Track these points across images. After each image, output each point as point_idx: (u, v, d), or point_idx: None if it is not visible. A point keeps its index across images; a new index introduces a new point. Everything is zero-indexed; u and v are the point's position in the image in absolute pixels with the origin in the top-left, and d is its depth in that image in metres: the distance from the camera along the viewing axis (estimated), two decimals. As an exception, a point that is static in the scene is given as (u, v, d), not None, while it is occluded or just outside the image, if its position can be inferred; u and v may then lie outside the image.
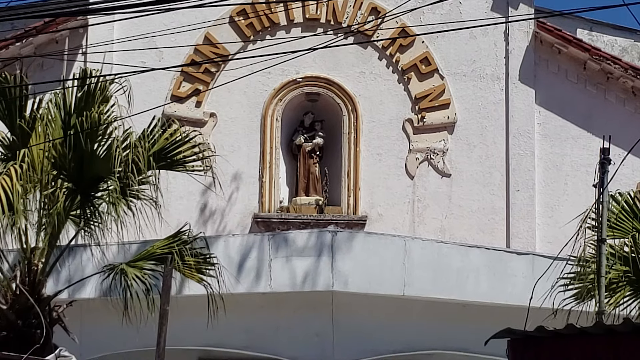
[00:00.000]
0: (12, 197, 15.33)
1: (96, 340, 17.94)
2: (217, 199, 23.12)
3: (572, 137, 23.66)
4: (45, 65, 22.85)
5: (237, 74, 21.42)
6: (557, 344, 9.79)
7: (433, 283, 20.23)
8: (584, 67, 24.16)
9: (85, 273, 18.15)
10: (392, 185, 23.78)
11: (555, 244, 18.66)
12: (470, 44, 23.84)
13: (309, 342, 20.56)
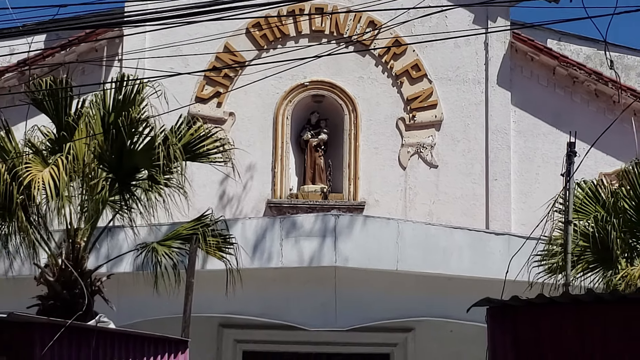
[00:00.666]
0: (59, 185, 15.30)
1: (130, 308, 17.91)
2: (235, 187, 23.11)
3: (543, 133, 23.62)
4: (86, 71, 22.83)
5: (253, 78, 21.50)
6: (529, 311, 9.69)
7: (422, 259, 20.17)
8: (553, 72, 24.11)
9: (122, 250, 18.12)
10: (387, 175, 23.73)
11: (528, 226, 18.58)
12: (454, 52, 23.79)
13: (315, 310, 20.51)
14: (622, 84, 22.93)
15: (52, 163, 15.62)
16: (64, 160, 15.53)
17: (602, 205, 16.61)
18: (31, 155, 16.24)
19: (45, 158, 16.04)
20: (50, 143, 16.42)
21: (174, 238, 16.93)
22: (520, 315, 9.67)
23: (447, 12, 22.97)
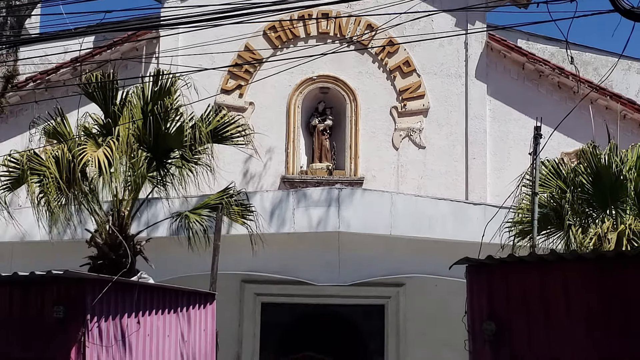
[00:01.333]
0: (112, 162, 15.43)
1: (166, 266, 17.94)
2: (254, 165, 23.15)
3: (514, 119, 23.58)
4: (128, 67, 22.78)
5: (269, 72, 21.39)
6: (501, 269, 9.71)
7: (412, 226, 20.18)
8: (522, 67, 24.05)
9: (159, 218, 18.17)
10: (382, 155, 23.70)
11: (501, 197, 18.56)
12: (439, 50, 23.72)
13: (321, 268, 20.55)
14: (580, 77, 22.91)
15: (105, 144, 15.74)
16: (115, 142, 15.67)
17: (563, 180, 16.63)
18: (84, 137, 16.34)
19: (97, 140, 16.13)
20: (99, 128, 16.52)
21: (203, 207, 17.00)
22: (494, 272, 9.70)
23: (433, 17, 22.95)
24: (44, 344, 10.29)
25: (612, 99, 23.51)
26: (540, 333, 9.36)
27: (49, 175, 15.58)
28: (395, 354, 23.37)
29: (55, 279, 10.46)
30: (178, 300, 12.04)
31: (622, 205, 15.82)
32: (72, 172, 15.57)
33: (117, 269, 14.20)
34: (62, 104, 17.57)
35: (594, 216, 16.04)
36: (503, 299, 9.54)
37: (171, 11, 20.94)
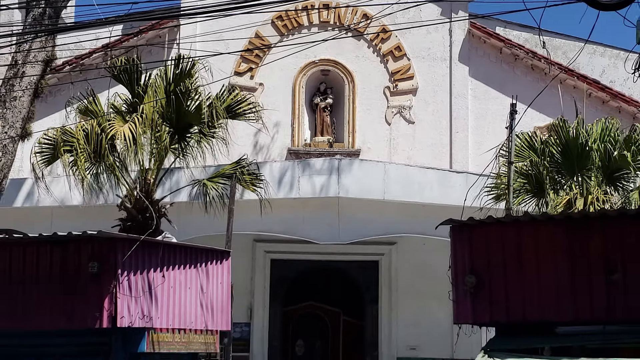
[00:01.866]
0: (135, 136, 15.41)
1: (187, 227, 17.98)
2: (263, 138, 23.12)
3: (492, 97, 23.52)
4: (152, 52, 22.73)
5: (276, 57, 21.35)
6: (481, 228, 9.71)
7: (402, 191, 20.19)
8: (500, 51, 23.98)
9: (180, 185, 18.16)
10: (377, 129, 23.68)
11: (481, 166, 18.55)
12: (427, 37, 23.62)
13: (323, 229, 20.59)
14: (551, 60, 22.84)
15: (130, 120, 15.75)
16: (139, 118, 15.66)
17: (535, 151, 16.63)
18: (113, 114, 16.34)
19: (124, 117, 16.14)
20: (126, 106, 16.52)
21: (219, 176, 17.03)
22: (475, 232, 9.70)
23: (421, 7, 22.79)
24: (80, 296, 10.32)
25: (579, 79, 23.44)
26: (515, 285, 9.38)
27: (78, 148, 15.64)
28: (388, 303, 23.46)
29: (90, 239, 10.48)
30: (197, 257, 12.06)
31: (588, 173, 15.83)
32: (100, 144, 15.63)
33: (144, 229, 14.22)
34: (94, 85, 17.60)
35: (563, 182, 16.05)
36: (482, 255, 9.54)
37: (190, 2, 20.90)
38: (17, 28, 17.07)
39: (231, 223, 15.05)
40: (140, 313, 10.64)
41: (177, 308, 11.46)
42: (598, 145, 15.90)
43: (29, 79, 14.54)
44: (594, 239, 9.17)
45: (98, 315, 10.22)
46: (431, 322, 22.17)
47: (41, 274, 10.60)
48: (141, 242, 10.80)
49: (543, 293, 9.25)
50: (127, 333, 10.60)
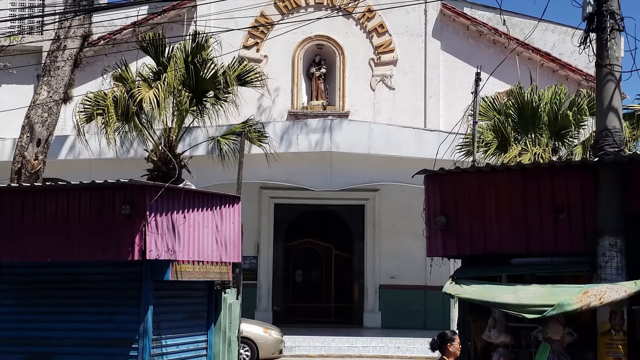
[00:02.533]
0: (160, 100, 15.38)
1: (204, 177, 18.03)
2: (267, 102, 23.12)
3: (460, 67, 23.48)
4: (174, 28, 22.64)
5: (278, 32, 21.47)
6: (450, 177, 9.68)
7: (385, 146, 20.24)
8: (467, 28, 23.89)
9: (198, 141, 18.18)
10: (363, 94, 23.68)
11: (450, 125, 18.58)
12: (406, 16, 23.54)
13: (318, 177, 20.66)
14: (510, 36, 22.81)
15: (155, 87, 15.69)
16: (163, 85, 15.60)
17: (497, 112, 16.62)
18: (141, 82, 16.27)
19: (150, 83, 16.08)
20: (152, 74, 16.46)
21: (230, 134, 17.06)
22: (445, 180, 9.69)
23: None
24: (115, 234, 10.35)
25: (533, 52, 23.40)
26: (477, 224, 9.40)
27: (108, 112, 15.67)
28: (372, 240, 23.64)
29: (122, 186, 10.49)
30: (213, 202, 12.08)
31: (540, 131, 15.85)
32: (128, 108, 15.64)
33: (168, 178, 14.30)
34: (125, 56, 17.50)
35: (519, 138, 16.07)
36: (451, 199, 9.55)
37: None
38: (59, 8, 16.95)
39: (241, 173, 15.06)
40: (166, 248, 10.68)
41: (196, 243, 11.50)
42: (548, 108, 15.91)
43: (70, 52, 14.48)
44: (544, 185, 9.19)
45: (130, 250, 10.26)
46: (408, 256, 22.36)
47: (82, 215, 10.63)
48: (165, 188, 10.81)
49: (501, 230, 9.29)
50: (154, 264, 10.65)
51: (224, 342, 12.72)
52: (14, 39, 19.57)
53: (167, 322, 11.17)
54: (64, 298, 10.96)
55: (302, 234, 24.37)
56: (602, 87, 9.23)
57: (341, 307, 24.28)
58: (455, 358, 8.06)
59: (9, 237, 10.75)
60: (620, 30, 9.22)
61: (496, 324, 9.26)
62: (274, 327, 18.65)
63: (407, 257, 22.49)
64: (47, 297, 11.02)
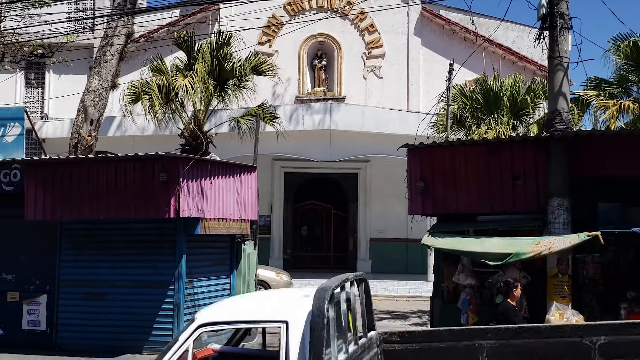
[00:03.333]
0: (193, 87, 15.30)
1: (227, 150, 18.00)
2: (279, 88, 23.02)
3: (437, 60, 23.27)
4: (201, 28, 22.47)
5: (287, 31, 21.29)
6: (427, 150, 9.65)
7: (374, 125, 20.24)
8: (442, 27, 23.70)
9: (222, 120, 18.11)
10: (356, 82, 23.60)
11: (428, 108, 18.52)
12: (392, 17, 23.32)
13: (320, 150, 20.69)
14: (477, 33, 22.62)
15: (188, 76, 15.60)
16: (194, 75, 15.52)
17: (466, 97, 16.55)
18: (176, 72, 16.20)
19: (183, 73, 15.99)
20: (184, 66, 16.35)
21: (248, 115, 16.95)
22: (423, 152, 9.69)
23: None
24: (154, 196, 10.38)
25: (497, 47, 23.26)
26: (450, 188, 9.43)
27: (153, 95, 15.57)
28: (364, 201, 23.69)
29: (160, 157, 10.50)
30: (234, 170, 12.12)
31: (501, 112, 15.80)
32: (168, 93, 15.54)
33: (197, 151, 14.25)
34: (161, 51, 17.42)
35: (484, 118, 16.03)
36: (428, 168, 9.56)
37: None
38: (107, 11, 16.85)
39: (257, 147, 15.02)
40: (196, 208, 10.73)
41: (220, 204, 11.54)
42: (509, 93, 15.84)
43: (116, 47, 14.41)
44: (505, 156, 9.21)
45: (167, 209, 10.31)
46: (393, 214, 22.40)
47: (128, 181, 10.65)
48: (195, 160, 10.83)
49: (469, 193, 9.32)
50: (186, 221, 10.70)
51: (244, 284, 12.82)
52: (70, 37, 19.47)
53: (197, 268, 11.25)
54: (114, 249, 11.04)
55: (307, 197, 24.41)
56: (553, 76, 9.22)
57: (338, 256, 24.38)
58: (515, 301, 7.93)
59: (68, 199, 10.80)
60: (568, 28, 9.19)
61: (464, 269, 9.34)
62: (284, 272, 18.74)
63: (392, 215, 22.54)
64: (100, 248, 11.10)
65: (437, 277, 10.10)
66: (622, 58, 14.03)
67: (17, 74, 22.70)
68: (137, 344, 10.63)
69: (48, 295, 11.17)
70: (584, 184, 8.85)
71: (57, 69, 22.93)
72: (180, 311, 10.64)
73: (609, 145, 8.87)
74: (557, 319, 8.29)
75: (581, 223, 8.61)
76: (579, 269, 8.90)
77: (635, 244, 8.86)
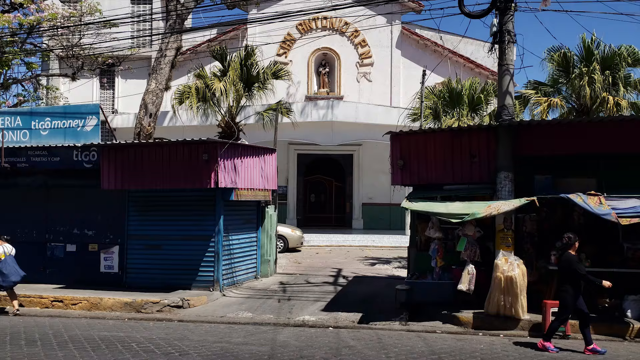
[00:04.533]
0: (226, 89, 15.20)
1: (253, 137, 17.78)
2: (292, 89, 22.86)
3: (413, 67, 22.90)
4: (233, 43, 22.23)
5: (298, 45, 20.96)
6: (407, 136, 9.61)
7: (365, 117, 20.10)
8: (418, 42, 23.39)
9: (249, 114, 18.01)
10: (352, 85, 23.37)
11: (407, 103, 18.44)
12: (379, 34, 22.97)
13: (324, 136, 20.59)
14: (444, 47, 22.41)
15: (223, 81, 15.43)
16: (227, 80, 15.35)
17: (436, 95, 16.41)
18: (213, 77, 16.09)
19: (219, 78, 15.83)
20: (220, 72, 16.23)
21: (269, 109, 16.87)
22: (403, 138, 9.65)
23: (376, 17, 22.21)
24: (199, 171, 10.37)
25: (459, 57, 22.98)
26: (422, 164, 9.42)
27: (192, 96, 15.54)
28: (358, 175, 23.65)
29: (203, 142, 10.45)
30: (259, 152, 12.09)
31: (462, 107, 15.70)
32: (205, 94, 15.48)
33: (231, 138, 14.26)
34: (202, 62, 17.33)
35: (449, 112, 15.93)
36: (406, 149, 9.52)
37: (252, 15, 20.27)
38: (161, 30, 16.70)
39: (276, 134, 14.97)
40: (230, 180, 10.74)
41: (248, 177, 11.55)
42: (468, 92, 15.73)
43: (168, 58, 14.33)
44: (464, 140, 9.17)
45: (209, 181, 10.32)
46: (380, 185, 22.39)
47: (178, 160, 10.64)
48: (229, 144, 10.81)
49: (437, 168, 9.31)
50: (223, 190, 10.71)
51: (267, 238, 12.89)
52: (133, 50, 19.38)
53: (232, 226, 11.30)
54: (169, 211, 11.08)
55: (314, 172, 24.39)
56: (501, 79, 9.16)
57: (338, 216, 24.44)
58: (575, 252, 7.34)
59: (133, 174, 10.82)
60: (513, 42, 9.10)
61: (433, 226, 9.37)
62: (298, 229, 18.83)
63: (379, 185, 22.55)
64: (158, 210, 11.15)
65: (413, 231, 10.14)
66: (555, 65, 14.00)
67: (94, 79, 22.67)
68: (186, 282, 10.74)
69: (119, 246, 11.26)
70: (524, 161, 8.85)
71: (124, 75, 22.90)
72: (219, 257, 10.72)
73: (543, 132, 8.84)
74: (503, 263, 8.34)
75: (522, 190, 8.63)
76: (520, 225, 8.92)
77: (562, 206, 8.87)
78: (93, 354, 6.88)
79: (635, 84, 13.87)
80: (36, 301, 10.00)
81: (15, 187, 11.84)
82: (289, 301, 10.12)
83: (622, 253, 8.71)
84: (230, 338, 7.68)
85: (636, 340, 7.70)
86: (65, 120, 12.20)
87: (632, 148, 8.46)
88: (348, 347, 7.18)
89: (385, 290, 10.83)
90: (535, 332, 7.93)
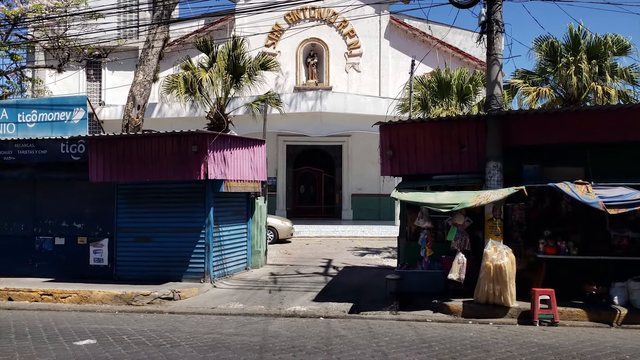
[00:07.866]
0: (212, 80, 15.10)
1: (242, 128, 17.91)
2: (280, 80, 22.78)
3: (402, 57, 23.08)
4: (221, 34, 22.09)
5: (286, 36, 20.89)
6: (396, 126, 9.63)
7: (354, 108, 20.10)
8: (406, 32, 23.44)
9: (238, 105, 17.97)
10: (340, 75, 23.37)
11: (395, 94, 18.45)
12: (367, 24, 23.03)
13: (313, 127, 20.54)
14: (433, 37, 22.44)
15: (209, 71, 15.35)
16: (214, 70, 15.26)
17: (424, 86, 16.45)
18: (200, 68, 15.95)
19: (206, 69, 15.74)
20: (207, 64, 16.08)
21: (258, 100, 16.81)
22: (392, 128, 9.64)
23: (365, 7, 22.14)
24: (188, 163, 10.33)
25: (447, 47, 23.04)
26: (412, 154, 9.42)
27: (180, 86, 15.43)
28: (347, 166, 23.68)
29: (192, 134, 10.40)
30: (248, 143, 12.05)
31: (451, 97, 15.75)
32: (192, 85, 15.36)
33: (220, 129, 14.21)
34: (189, 53, 17.21)
35: (438, 102, 15.97)
36: (396, 140, 9.53)
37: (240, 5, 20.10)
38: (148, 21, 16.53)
39: (265, 125, 14.95)
40: (220, 172, 10.70)
41: (238, 169, 11.52)
42: (457, 82, 15.77)
43: (156, 49, 14.19)
44: (453, 130, 9.19)
45: (198, 173, 10.26)
46: (369, 175, 22.47)
47: (167, 152, 10.58)
48: (219, 135, 10.75)
49: (426, 158, 9.32)
50: (213, 182, 10.67)
51: (257, 229, 12.88)
52: (120, 42, 19.17)
53: (222, 217, 11.28)
54: (158, 203, 11.03)
55: (303, 163, 24.40)
56: (490, 69, 9.17)
57: (328, 207, 24.50)
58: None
59: (122, 166, 10.74)
60: (502, 32, 9.10)
61: (423, 215, 9.40)
62: (287, 220, 18.84)
63: (368, 176, 22.62)
64: (148, 202, 11.09)
65: (402, 221, 10.17)
66: (543, 55, 14.04)
67: (80, 70, 22.41)
68: (177, 274, 10.72)
69: (108, 239, 11.21)
70: (513, 150, 8.89)
71: (111, 67, 22.67)
72: (210, 249, 10.70)
73: (531, 121, 8.88)
74: (492, 251, 8.40)
75: (510, 180, 8.68)
76: (509, 214, 8.98)
77: (550, 195, 8.94)
78: (84, 346, 6.85)
79: (621, 72, 13.97)
80: (25, 295, 9.94)
81: (2, 180, 11.71)
82: (280, 292, 10.14)
83: (609, 241, 8.80)
84: (222, 329, 7.68)
85: (623, 326, 7.81)
86: (52, 112, 12.07)
87: (618, 137, 8.54)
88: (339, 336, 7.21)
89: (376, 280, 10.88)
90: (524, 319, 8.01)
